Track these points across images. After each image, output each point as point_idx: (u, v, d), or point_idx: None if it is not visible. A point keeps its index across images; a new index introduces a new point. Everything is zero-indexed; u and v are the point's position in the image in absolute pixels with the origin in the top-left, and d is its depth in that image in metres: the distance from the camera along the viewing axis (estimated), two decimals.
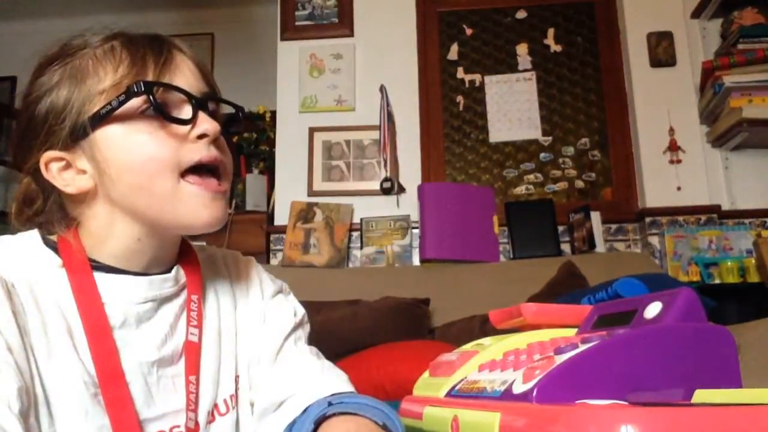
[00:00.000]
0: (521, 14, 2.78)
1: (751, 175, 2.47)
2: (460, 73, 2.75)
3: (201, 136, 0.61)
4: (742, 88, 2.33)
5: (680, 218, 2.43)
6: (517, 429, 0.35)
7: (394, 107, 2.63)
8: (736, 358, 0.43)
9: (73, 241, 0.62)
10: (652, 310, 0.46)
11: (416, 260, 2.47)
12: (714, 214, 2.42)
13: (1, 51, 3.77)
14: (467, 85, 2.74)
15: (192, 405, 0.62)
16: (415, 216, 2.50)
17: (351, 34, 2.74)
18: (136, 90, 0.57)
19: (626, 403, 0.33)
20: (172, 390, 0.62)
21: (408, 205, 2.54)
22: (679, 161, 2.47)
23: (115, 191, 0.60)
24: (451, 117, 2.72)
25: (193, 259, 0.70)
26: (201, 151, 0.60)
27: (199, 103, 0.61)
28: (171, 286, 0.65)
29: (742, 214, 2.43)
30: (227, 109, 0.68)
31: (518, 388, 0.39)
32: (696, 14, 2.61)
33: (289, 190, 2.61)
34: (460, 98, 2.73)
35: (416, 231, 2.48)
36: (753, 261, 2.23)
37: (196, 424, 0.62)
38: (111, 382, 0.57)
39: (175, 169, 0.59)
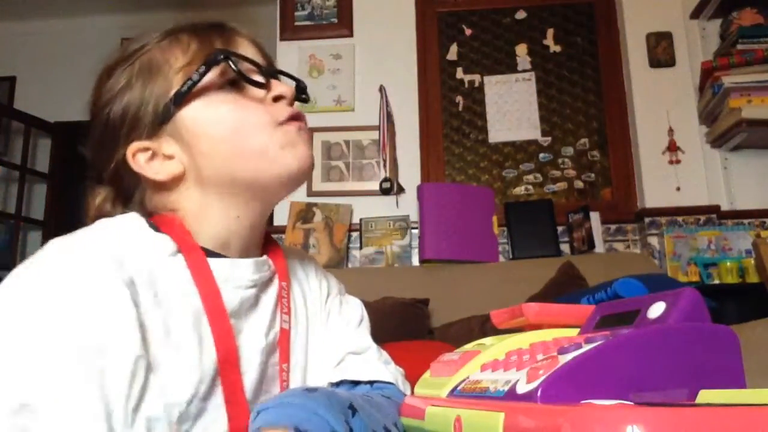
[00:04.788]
0: (520, 14, 2.78)
1: (751, 175, 2.48)
2: (460, 73, 2.75)
3: (277, 98, 0.62)
4: (742, 89, 2.33)
5: (679, 218, 2.43)
6: (522, 429, 0.35)
7: (393, 107, 2.63)
8: (740, 358, 0.43)
9: (177, 225, 0.59)
10: (656, 310, 0.45)
11: (416, 260, 2.47)
12: (713, 215, 2.42)
13: (1, 51, 3.77)
14: (466, 85, 2.74)
15: None
16: (414, 216, 2.50)
17: (350, 35, 2.74)
18: (215, 58, 0.59)
19: (632, 403, 0.33)
20: (273, 379, 0.62)
21: (407, 205, 2.54)
22: (678, 161, 2.48)
23: (208, 167, 0.60)
24: (450, 117, 2.72)
25: (275, 246, 0.70)
26: (285, 111, 0.62)
27: (268, 71, 0.63)
28: (268, 269, 0.65)
29: (741, 215, 2.43)
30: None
31: (522, 388, 0.39)
32: (695, 15, 2.61)
33: None
34: (459, 98, 2.73)
35: (415, 231, 2.48)
36: (752, 261, 2.23)
37: None
38: (228, 368, 0.56)
39: (271, 123, 0.60)
